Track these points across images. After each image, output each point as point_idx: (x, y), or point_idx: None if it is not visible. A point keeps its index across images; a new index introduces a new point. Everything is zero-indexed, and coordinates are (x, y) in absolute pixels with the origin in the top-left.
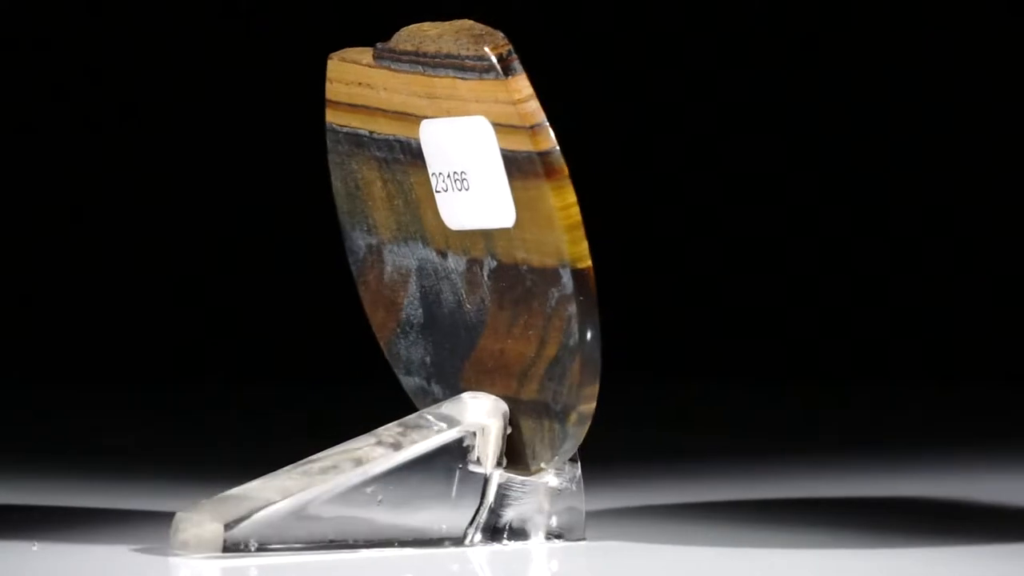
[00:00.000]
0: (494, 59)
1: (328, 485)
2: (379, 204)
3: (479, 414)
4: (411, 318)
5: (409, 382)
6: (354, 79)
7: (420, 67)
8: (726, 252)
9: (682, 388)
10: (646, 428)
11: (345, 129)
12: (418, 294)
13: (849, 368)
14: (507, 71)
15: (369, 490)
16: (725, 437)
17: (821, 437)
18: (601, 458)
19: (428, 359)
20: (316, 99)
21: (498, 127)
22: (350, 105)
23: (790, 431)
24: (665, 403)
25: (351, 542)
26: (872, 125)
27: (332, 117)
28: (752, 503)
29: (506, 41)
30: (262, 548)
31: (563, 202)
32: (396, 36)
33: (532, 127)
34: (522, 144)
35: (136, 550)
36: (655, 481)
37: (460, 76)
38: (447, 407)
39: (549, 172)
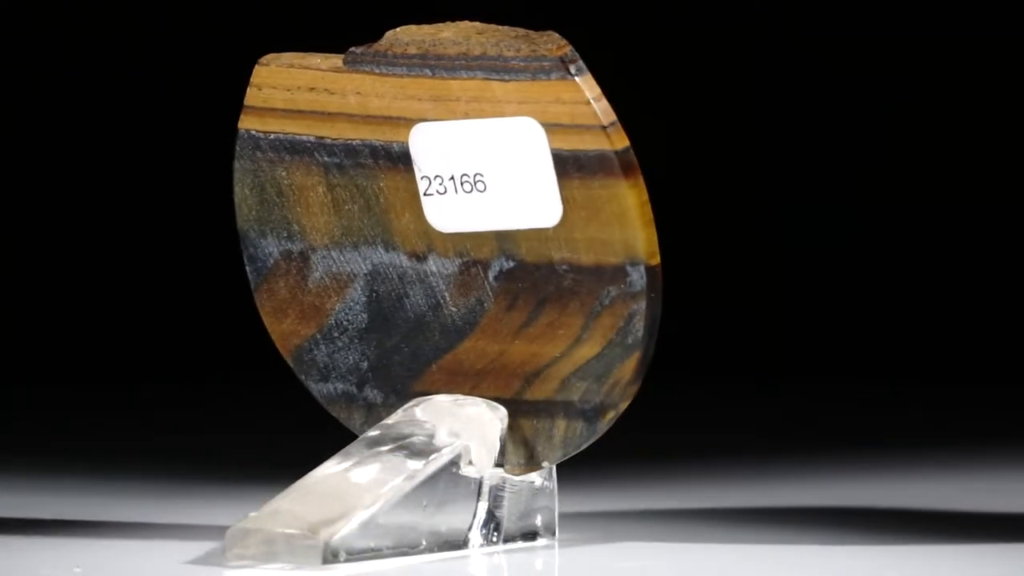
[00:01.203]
0: (561, 59)
1: (392, 494)
2: (315, 210)
3: (476, 417)
4: (344, 323)
5: (326, 388)
6: (304, 84)
7: (428, 70)
8: (723, 251)
9: (676, 387)
10: (638, 428)
11: (273, 135)
12: (363, 299)
13: (849, 368)
14: (577, 71)
15: (418, 495)
16: (719, 437)
17: (817, 437)
18: (594, 458)
19: (365, 363)
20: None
21: (554, 127)
22: (289, 111)
23: (786, 431)
24: (657, 402)
25: (406, 550)
26: (873, 122)
27: (253, 123)
28: (744, 503)
29: (565, 41)
30: (348, 559)
31: (639, 199)
32: (389, 39)
33: (609, 125)
34: (593, 143)
35: (189, 562)
36: (650, 481)
37: (498, 78)
38: (423, 412)
39: (626, 170)
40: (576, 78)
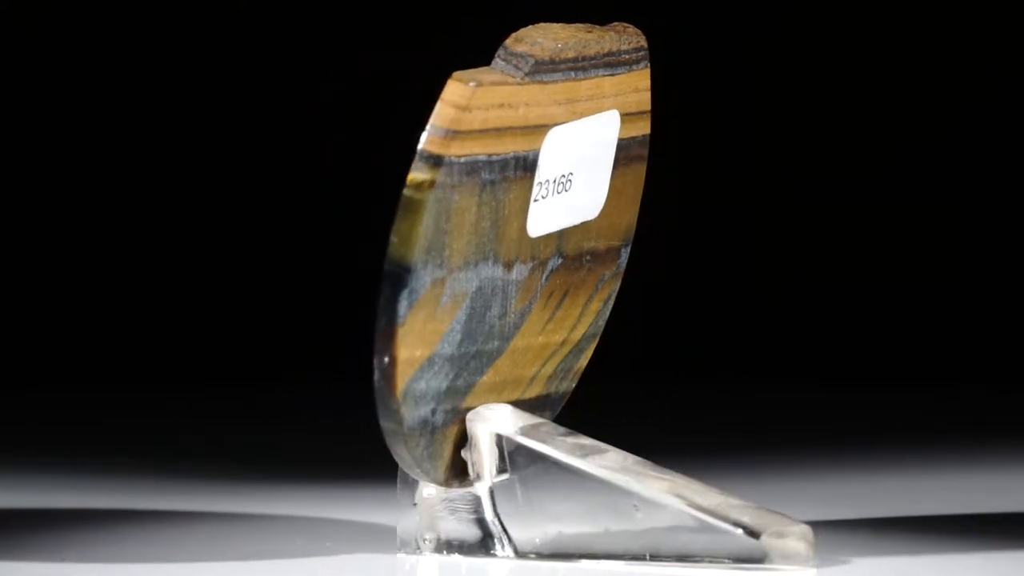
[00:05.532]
0: (648, 48)
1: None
2: (464, 231)
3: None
4: (443, 347)
5: (412, 418)
6: (499, 101)
7: (574, 72)
8: (722, 250)
9: (674, 387)
10: (636, 428)
11: (463, 159)
12: (463, 318)
13: (848, 368)
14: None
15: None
16: (719, 438)
17: (816, 437)
18: None
19: (445, 384)
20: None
21: (624, 116)
22: (482, 131)
23: (785, 431)
24: (655, 402)
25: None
26: (872, 121)
27: (458, 149)
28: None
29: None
30: None
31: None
32: (550, 46)
33: (650, 110)
34: (645, 128)
35: None
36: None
37: (610, 73)
38: (525, 431)
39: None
40: (648, 65)
